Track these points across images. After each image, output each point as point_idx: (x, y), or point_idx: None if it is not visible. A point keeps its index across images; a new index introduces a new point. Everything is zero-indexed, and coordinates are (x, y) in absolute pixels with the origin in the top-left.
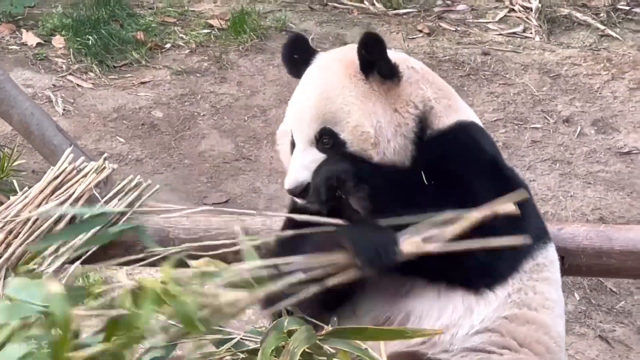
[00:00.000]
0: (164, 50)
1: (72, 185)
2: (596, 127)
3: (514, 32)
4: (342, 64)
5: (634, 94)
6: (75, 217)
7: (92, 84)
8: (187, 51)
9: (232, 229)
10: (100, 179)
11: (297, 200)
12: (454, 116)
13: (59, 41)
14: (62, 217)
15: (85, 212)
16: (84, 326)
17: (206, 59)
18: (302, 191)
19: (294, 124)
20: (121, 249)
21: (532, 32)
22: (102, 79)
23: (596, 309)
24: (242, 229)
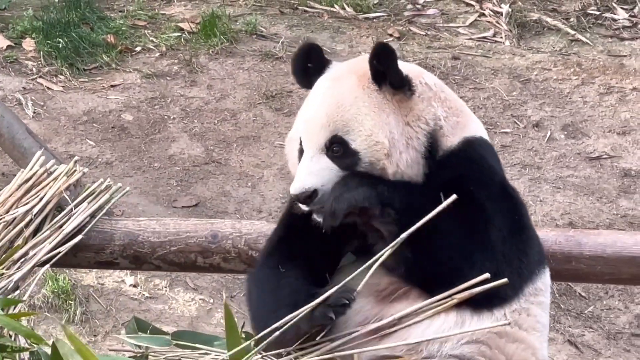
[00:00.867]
0: (134, 53)
1: (43, 188)
2: (566, 132)
3: (484, 37)
4: (356, 74)
5: (604, 99)
6: (45, 220)
7: (63, 86)
8: (158, 54)
9: (201, 232)
10: (70, 182)
11: (301, 206)
12: (460, 134)
13: (29, 44)
14: (31, 220)
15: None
16: None
17: (176, 62)
18: (307, 197)
19: (304, 131)
20: (90, 252)
21: (502, 37)
22: (73, 82)
23: (565, 314)
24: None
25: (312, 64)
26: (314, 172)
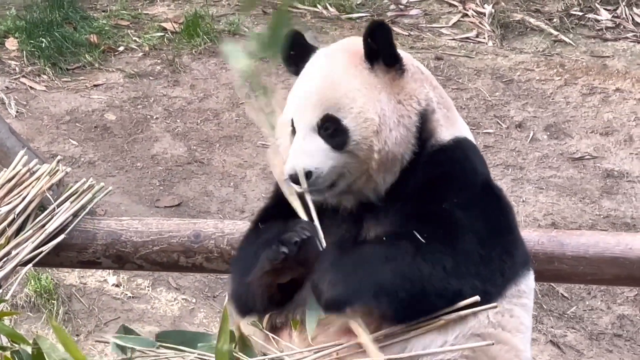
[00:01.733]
0: (117, 53)
1: (25, 187)
2: (549, 133)
3: (467, 37)
4: (347, 53)
5: (587, 99)
6: (27, 219)
7: (45, 86)
8: (141, 54)
9: (184, 232)
10: (53, 181)
11: (294, 186)
12: (452, 130)
13: (12, 43)
14: (14, 219)
15: None
16: None
17: (159, 62)
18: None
19: (295, 111)
20: (73, 252)
21: (485, 37)
22: (55, 82)
23: (548, 314)
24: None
25: (293, 51)
26: (307, 153)
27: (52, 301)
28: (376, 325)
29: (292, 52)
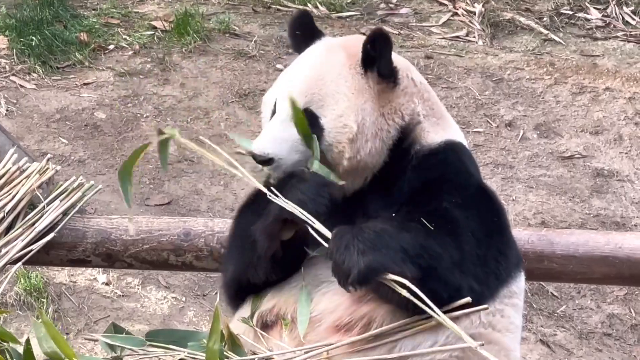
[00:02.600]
0: (107, 51)
1: (15, 186)
2: (538, 132)
3: (457, 36)
4: (346, 52)
5: (577, 98)
6: (17, 217)
7: (35, 84)
8: (131, 52)
9: (174, 230)
10: (43, 180)
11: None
12: (442, 134)
13: (2, 42)
14: (4, 217)
15: None
16: None
17: (149, 60)
18: (264, 161)
19: (281, 93)
20: (63, 250)
21: (475, 36)
22: (45, 80)
23: (537, 313)
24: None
25: (299, 31)
26: (277, 139)
27: (42, 300)
28: (365, 326)
29: (297, 32)
